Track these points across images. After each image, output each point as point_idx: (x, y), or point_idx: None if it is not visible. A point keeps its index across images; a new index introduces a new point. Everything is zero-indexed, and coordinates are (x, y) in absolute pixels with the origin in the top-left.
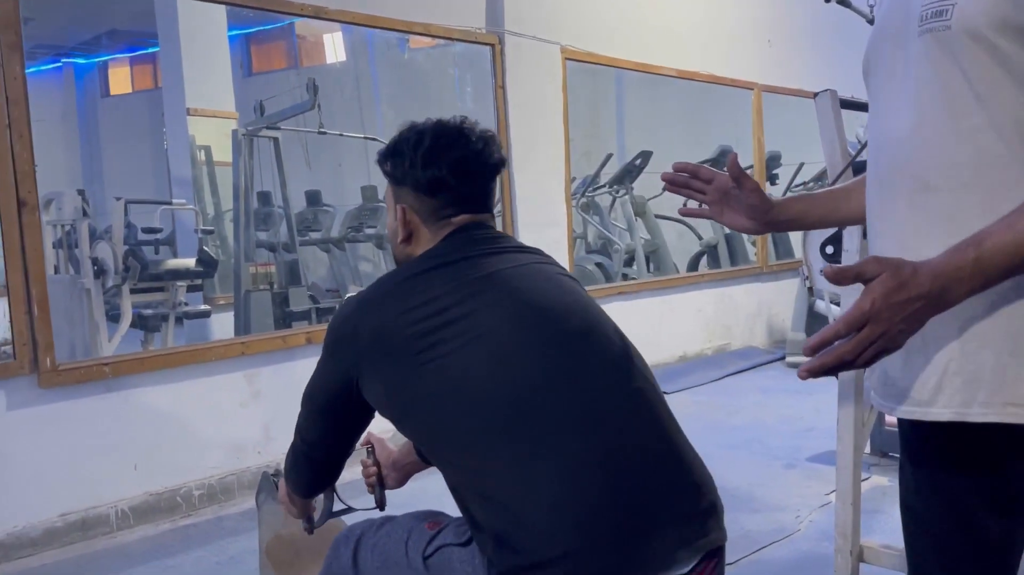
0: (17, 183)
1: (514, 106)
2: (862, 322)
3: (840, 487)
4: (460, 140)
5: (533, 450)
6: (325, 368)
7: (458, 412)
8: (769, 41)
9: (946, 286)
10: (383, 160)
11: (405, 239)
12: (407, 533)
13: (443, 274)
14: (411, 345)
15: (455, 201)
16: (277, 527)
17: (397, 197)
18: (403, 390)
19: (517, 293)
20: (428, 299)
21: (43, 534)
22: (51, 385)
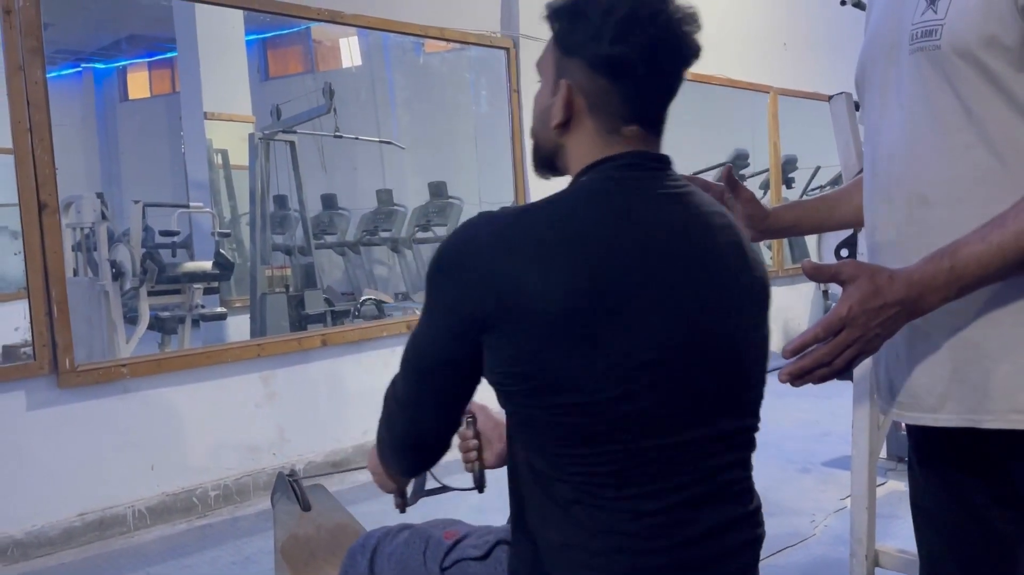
0: (38, 186)
1: (529, 110)
2: (839, 326)
3: (855, 491)
4: (663, 16)
5: (653, 493)
6: (439, 318)
7: (602, 427)
8: (785, 44)
9: (921, 293)
10: (555, 16)
11: (562, 124)
12: (424, 543)
13: (627, 248)
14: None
15: (634, 98)
16: (292, 527)
17: (561, 69)
18: (545, 365)
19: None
20: (589, 275)
21: (61, 533)
22: (70, 386)
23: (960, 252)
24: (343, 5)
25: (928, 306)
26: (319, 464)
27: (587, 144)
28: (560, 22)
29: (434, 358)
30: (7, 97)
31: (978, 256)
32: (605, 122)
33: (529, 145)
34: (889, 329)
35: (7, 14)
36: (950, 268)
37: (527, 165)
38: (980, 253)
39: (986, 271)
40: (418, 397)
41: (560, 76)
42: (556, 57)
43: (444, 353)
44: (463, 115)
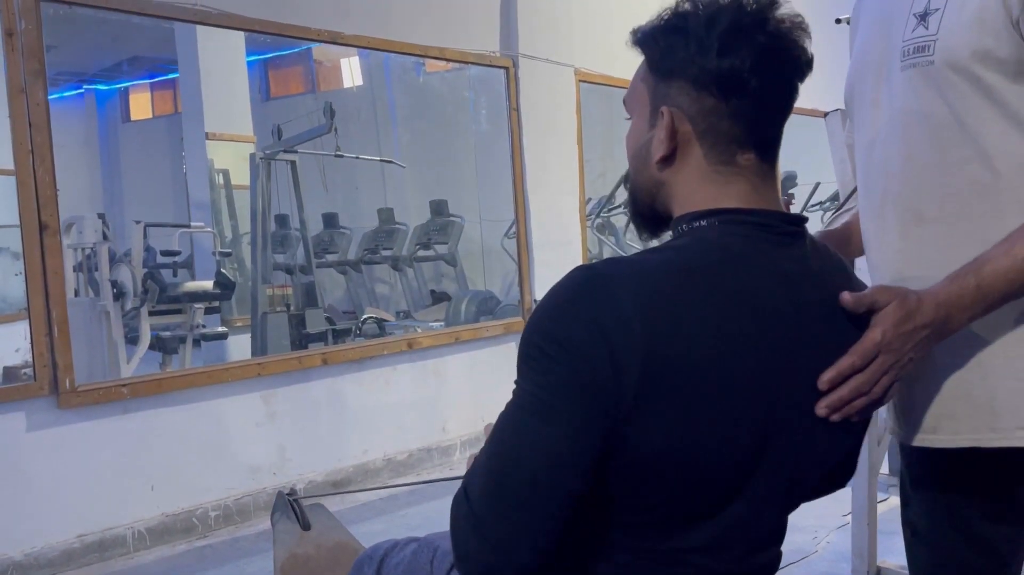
0: (39, 207)
1: (528, 128)
2: (874, 353)
3: (856, 507)
4: (771, 22)
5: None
6: (555, 401)
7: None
8: None
9: (950, 314)
10: (649, 39)
11: (667, 156)
12: (432, 552)
13: (746, 296)
14: (713, 389)
15: (748, 117)
16: (292, 546)
17: (659, 97)
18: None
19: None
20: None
21: (60, 555)
22: (70, 406)
23: (985, 269)
24: (344, 26)
25: (956, 326)
26: (320, 483)
27: (697, 179)
28: (655, 44)
29: (560, 465)
30: (9, 119)
31: (1004, 272)
32: (717, 148)
33: (530, 162)
34: (920, 352)
35: (9, 36)
36: (976, 286)
37: (527, 183)
38: (1007, 268)
39: (1012, 287)
40: (505, 515)
41: (659, 105)
42: (651, 86)
43: (574, 457)
44: (463, 134)
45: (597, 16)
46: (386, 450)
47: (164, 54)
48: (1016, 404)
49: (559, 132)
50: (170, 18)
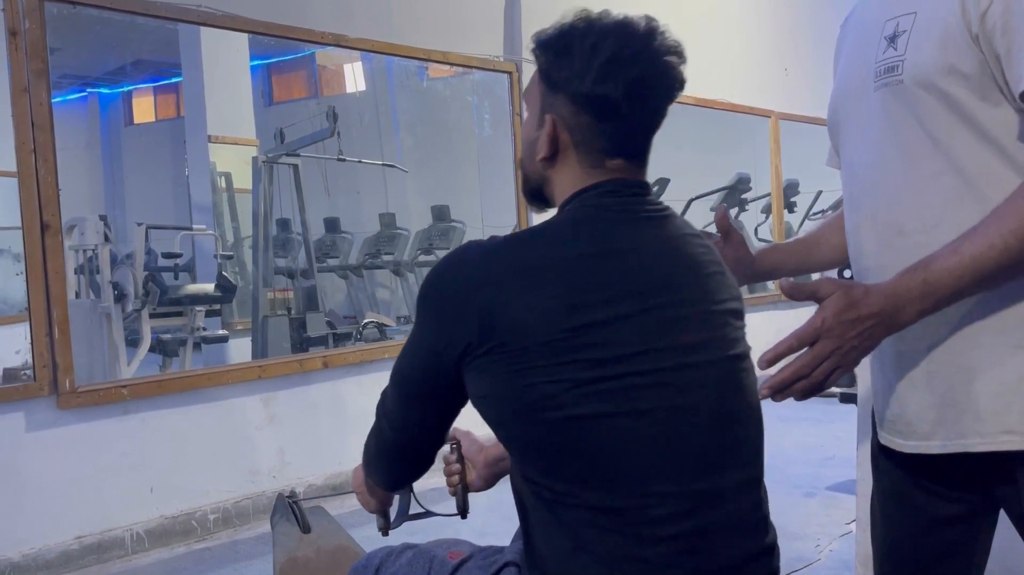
0: (41, 207)
1: None
2: (813, 337)
3: (860, 515)
4: (646, 53)
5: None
6: (429, 339)
7: (592, 450)
8: (786, 70)
9: (897, 306)
10: (542, 49)
11: (549, 157)
12: (428, 563)
13: (592, 267)
14: (547, 350)
15: (617, 134)
16: (292, 549)
17: (547, 103)
18: (520, 392)
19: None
20: (576, 302)
21: (58, 556)
22: (70, 407)
23: (933, 265)
24: (347, 29)
25: (905, 319)
26: (319, 486)
27: (572, 176)
28: (546, 56)
29: (418, 383)
30: (12, 118)
31: (951, 269)
32: (589, 156)
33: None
34: (865, 343)
35: (13, 36)
36: (923, 281)
37: None
38: (953, 266)
39: (959, 283)
40: (405, 414)
41: (546, 110)
42: (542, 90)
43: (428, 380)
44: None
45: None
46: None
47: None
48: (999, 407)
49: None
50: (173, 19)
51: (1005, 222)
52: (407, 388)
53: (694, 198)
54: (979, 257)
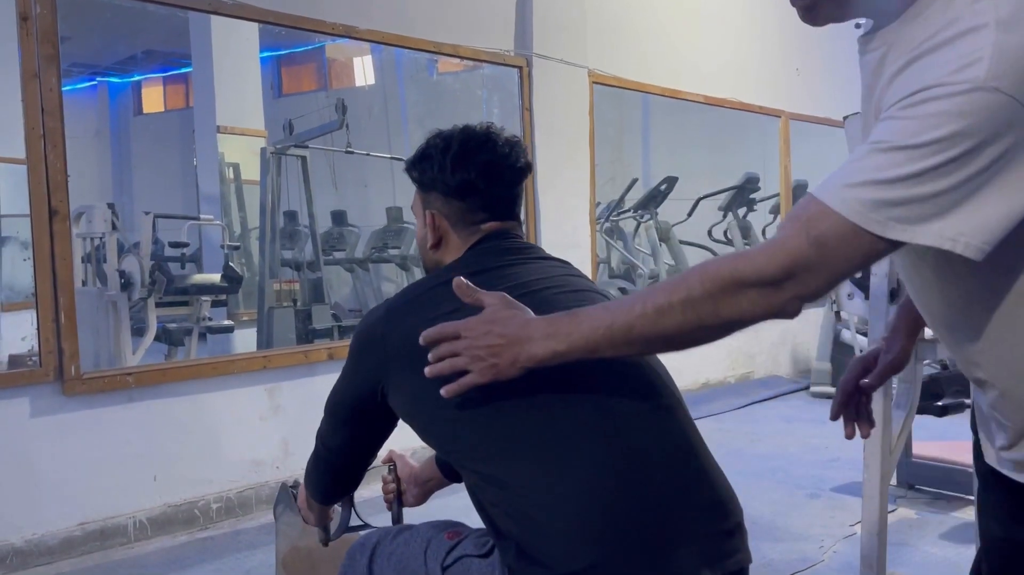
0: (50, 192)
1: (540, 128)
2: (454, 332)
3: (866, 516)
4: (488, 144)
5: (558, 457)
6: (350, 375)
7: (483, 419)
8: (797, 70)
9: (531, 336)
10: (411, 166)
11: (435, 245)
12: (426, 542)
13: (472, 282)
14: None
15: (484, 205)
16: (295, 539)
17: (426, 203)
18: (429, 397)
19: (545, 304)
20: (457, 307)
21: (61, 542)
22: (74, 393)
23: (581, 312)
24: (358, 20)
25: (536, 351)
26: None
27: (457, 249)
28: (415, 169)
29: (346, 413)
30: (22, 103)
31: (593, 322)
32: (467, 229)
33: (541, 163)
34: (494, 359)
35: (24, 21)
36: (568, 321)
37: (537, 184)
38: (597, 320)
39: (593, 336)
40: (337, 438)
41: (425, 208)
42: (420, 198)
43: (354, 411)
44: None
45: (612, 18)
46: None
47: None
48: None
49: (571, 134)
50: (183, 7)
51: (656, 293)
52: (337, 418)
53: (702, 197)
54: (620, 320)
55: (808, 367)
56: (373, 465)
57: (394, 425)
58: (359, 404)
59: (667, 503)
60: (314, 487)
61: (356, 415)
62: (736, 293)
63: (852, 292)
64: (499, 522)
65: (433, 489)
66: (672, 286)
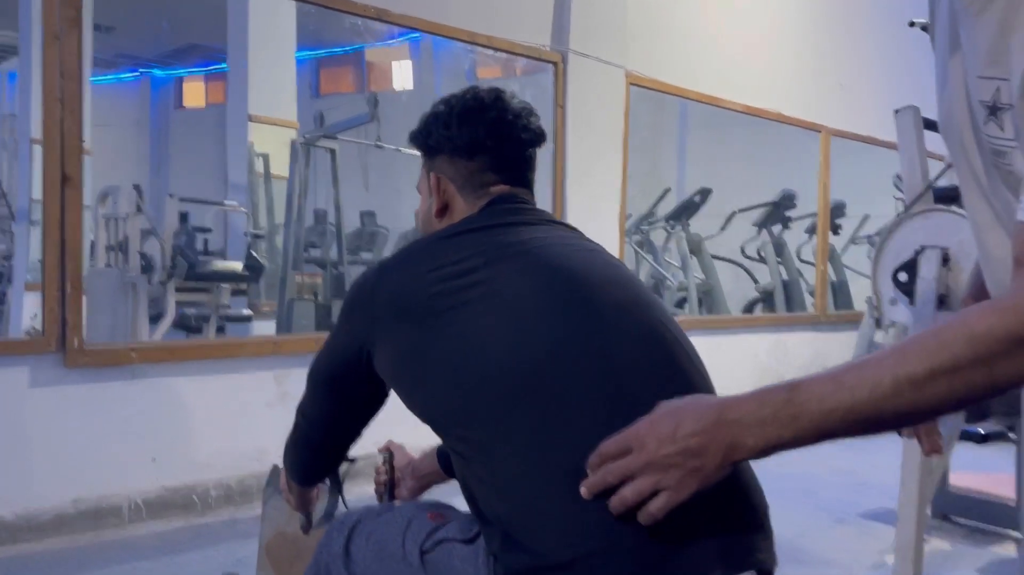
0: (64, 158)
1: (573, 126)
2: (625, 446)
3: (900, 541)
4: (498, 104)
5: (553, 431)
6: (336, 336)
7: (473, 380)
8: (841, 85)
9: (737, 420)
10: (416, 133)
11: (440, 211)
12: (407, 522)
13: (474, 238)
14: (431, 305)
15: (493, 166)
16: (281, 524)
17: (431, 168)
18: (417, 356)
19: (553, 259)
20: (455, 260)
21: (52, 519)
22: (76, 365)
23: (802, 386)
24: (391, 4)
25: (749, 443)
26: None
27: (462, 216)
28: (419, 138)
29: (330, 379)
30: (40, 65)
31: (822, 397)
32: (474, 194)
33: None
34: (691, 463)
35: None
36: (785, 402)
37: (567, 184)
38: (826, 394)
39: (829, 418)
40: (318, 409)
41: (430, 173)
42: (426, 168)
43: (338, 375)
44: None
45: (654, 20)
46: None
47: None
48: None
49: (605, 134)
50: None
51: (905, 361)
52: (318, 385)
53: (736, 211)
54: (861, 399)
55: None
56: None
57: (380, 399)
58: (342, 369)
59: None
60: (292, 464)
61: (338, 381)
62: (1017, 352)
63: (896, 298)
64: (486, 504)
65: (431, 482)
66: (926, 351)
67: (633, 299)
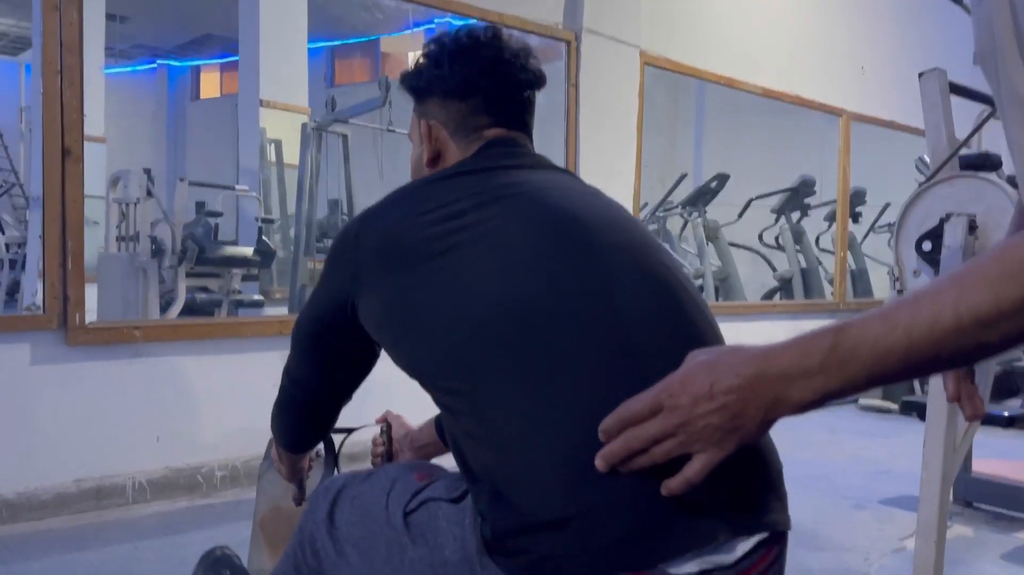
0: (64, 130)
1: (586, 106)
2: (653, 405)
3: (922, 523)
4: (494, 43)
5: (547, 379)
6: (319, 289)
7: (463, 327)
8: (863, 68)
9: (782, 376)
10: (407, 74)
11: (432, 160)
12: (391, 483)
13: (465, 181)
14: (420, 250)
15: (488, 107)
16: (277, 498)
17: (422, 114)
18: (404, 304)
19: (550, 201)
20: (445, 203)
21: (54, 498)
22: (78, 343)
23: (849, 329)
24: None
25: (795, 397)
26: None
27: (456, 160)
28: (409, 79)
29: (317, 332)
30: (39, 36)
31: (875, 339)
32: (467, 139)
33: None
34: (732, 422)
35: None
36: (831, 348)
37: (579, 163)
38: (879, 335)
39: (883, 361)
40: (306, 368)
41: (422, 119)
42: (417, 114)
43: (325, 328)
44: None
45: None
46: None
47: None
48: None
49: (618, 114)
50: None
51: (967, 294)
52: (302, 342)
53: (754, 198)
54: (919, 338)
55: None
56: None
57: (370, 356)
58: (326, 323)
59: None
60: (279, 429)
61: (323, 337)
62: None
63: (919, 268)
64: (474, 460)
65: (431, 454)
66: (988, 281)
67: (637, 242)
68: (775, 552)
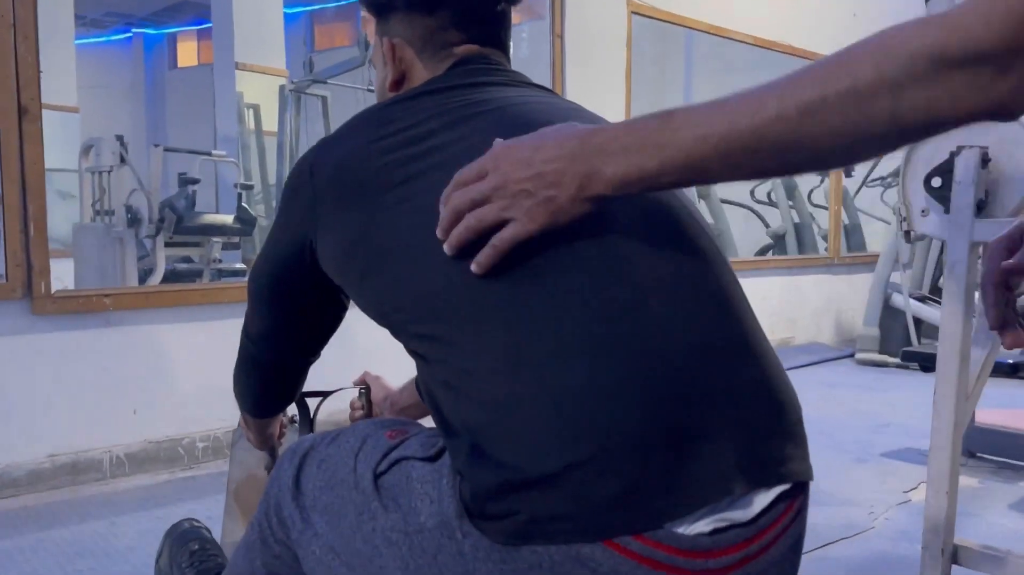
0: (19, 88)
1: (572, 59)
2: (478, 169)
3: (933, 471)
4: None
5: (530, 311)
6: (274, 232)
7: (433, 262)
8: (855, 15)
9: (601, 148)
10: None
11: (396, 83)
12: (360, 442)
13: (433, 100)
14: (381, 178)
15: (458, 22)
16: (252, 467)
17: (384, 32)
18: (367, 240)
19: (526, 117)
20: (409, 125)
21: (27, 475)
22: (45, 313)
23: (678, 112)
24: None
25: (612, 170)
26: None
27: (424, 80)
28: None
29: (272, 280)
30: None
31: (696, 124)
32: (435, 56)
33: (571, 96)
34: (540, 191)
35: None
36: (657, 128)
37: None
38: (700, 121)
39: (692, 154)
40: (266, 323)
41: (383, 37)
42: (379, 33)
43: (283, 274)
44: None
45: None
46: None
47: None
48: None
49: (606, 67)
50: None
51: (800, 84)
52: (260, 295)
53: None
54: (742, 123)
55: (853, 335)
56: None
57: (335, 305)
58: (284, 269)
59: (690, 380)
60: (241, 394)
61: (281, 285)
62: (933, 78)
63: (928, 207)
64: (452, 412)
65: (413, 417)
66: (825, 72)
67: None
68: (796, 505)
